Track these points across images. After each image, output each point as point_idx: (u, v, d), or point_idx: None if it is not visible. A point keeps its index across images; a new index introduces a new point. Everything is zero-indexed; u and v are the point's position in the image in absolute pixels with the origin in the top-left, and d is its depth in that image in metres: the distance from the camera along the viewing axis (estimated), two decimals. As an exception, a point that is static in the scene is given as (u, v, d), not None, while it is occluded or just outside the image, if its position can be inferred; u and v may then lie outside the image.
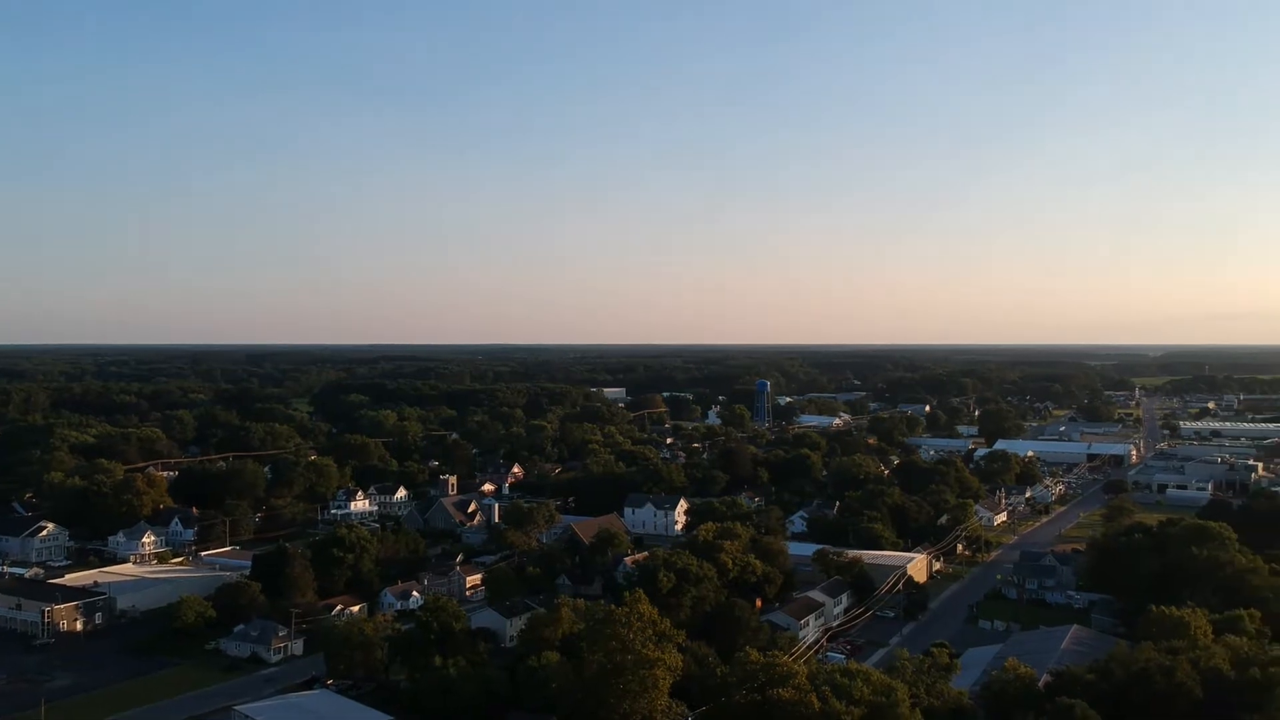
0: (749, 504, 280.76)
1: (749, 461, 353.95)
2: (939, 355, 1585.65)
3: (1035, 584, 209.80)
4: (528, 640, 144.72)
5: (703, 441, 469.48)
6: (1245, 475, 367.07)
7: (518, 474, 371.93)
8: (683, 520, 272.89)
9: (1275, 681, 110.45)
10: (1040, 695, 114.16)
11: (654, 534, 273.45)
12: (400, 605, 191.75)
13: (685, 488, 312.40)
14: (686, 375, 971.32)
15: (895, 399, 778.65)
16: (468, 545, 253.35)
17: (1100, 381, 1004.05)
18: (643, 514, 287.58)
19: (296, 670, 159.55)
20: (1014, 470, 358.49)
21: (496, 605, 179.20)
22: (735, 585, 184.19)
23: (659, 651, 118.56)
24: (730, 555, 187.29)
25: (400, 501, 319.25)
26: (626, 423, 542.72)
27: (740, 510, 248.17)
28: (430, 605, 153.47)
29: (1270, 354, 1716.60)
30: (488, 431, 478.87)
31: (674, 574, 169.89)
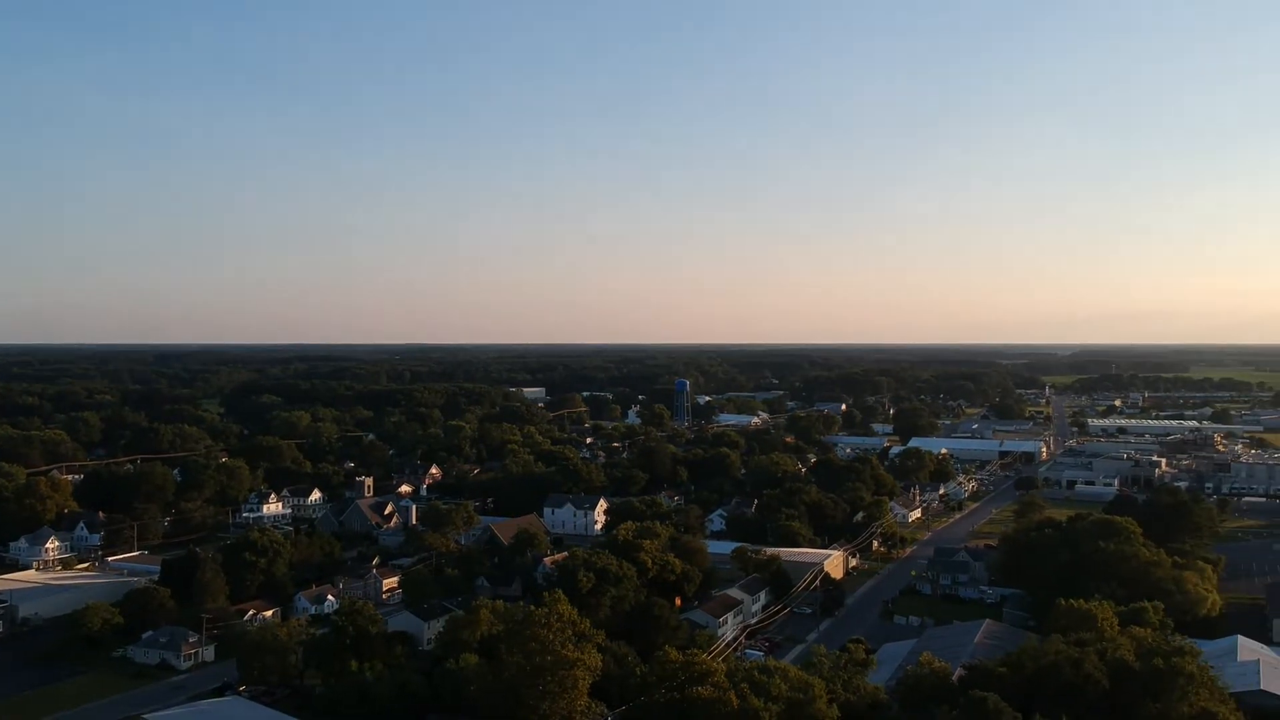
0: (668, 503, 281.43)
1: (668, 460, 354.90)
2: (855, 354, 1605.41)
3: (949, 579, 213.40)
4: (446, 643, 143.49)
5: (622, 441, 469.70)
6: (1149, 471, 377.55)
7: (436, 475, 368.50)
8: (602, 520, 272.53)
9: (1177, 671, 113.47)
10: (954, 689, 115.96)
11: (574, 534, 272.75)
12: (315, 609, 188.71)
13: (605, 487, 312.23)
14: (606, 375, 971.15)
15: (812, 398, 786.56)
16: (384, 548, 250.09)
17: (1012, 380, 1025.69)
18: (562, 514, 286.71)
19: (208, 677, 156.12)
20: (928, 468, 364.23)
21: (414, 608, 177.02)
22: (655, 584, 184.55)
23: (578, 652, 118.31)
24: (650, 554, 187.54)
25: (315, 504, 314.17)
26: (546, 423, 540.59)
27: (660, 509, 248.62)
28: (346, 609, 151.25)
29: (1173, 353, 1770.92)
30: (405, 432, 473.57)
31: (593, 574, 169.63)
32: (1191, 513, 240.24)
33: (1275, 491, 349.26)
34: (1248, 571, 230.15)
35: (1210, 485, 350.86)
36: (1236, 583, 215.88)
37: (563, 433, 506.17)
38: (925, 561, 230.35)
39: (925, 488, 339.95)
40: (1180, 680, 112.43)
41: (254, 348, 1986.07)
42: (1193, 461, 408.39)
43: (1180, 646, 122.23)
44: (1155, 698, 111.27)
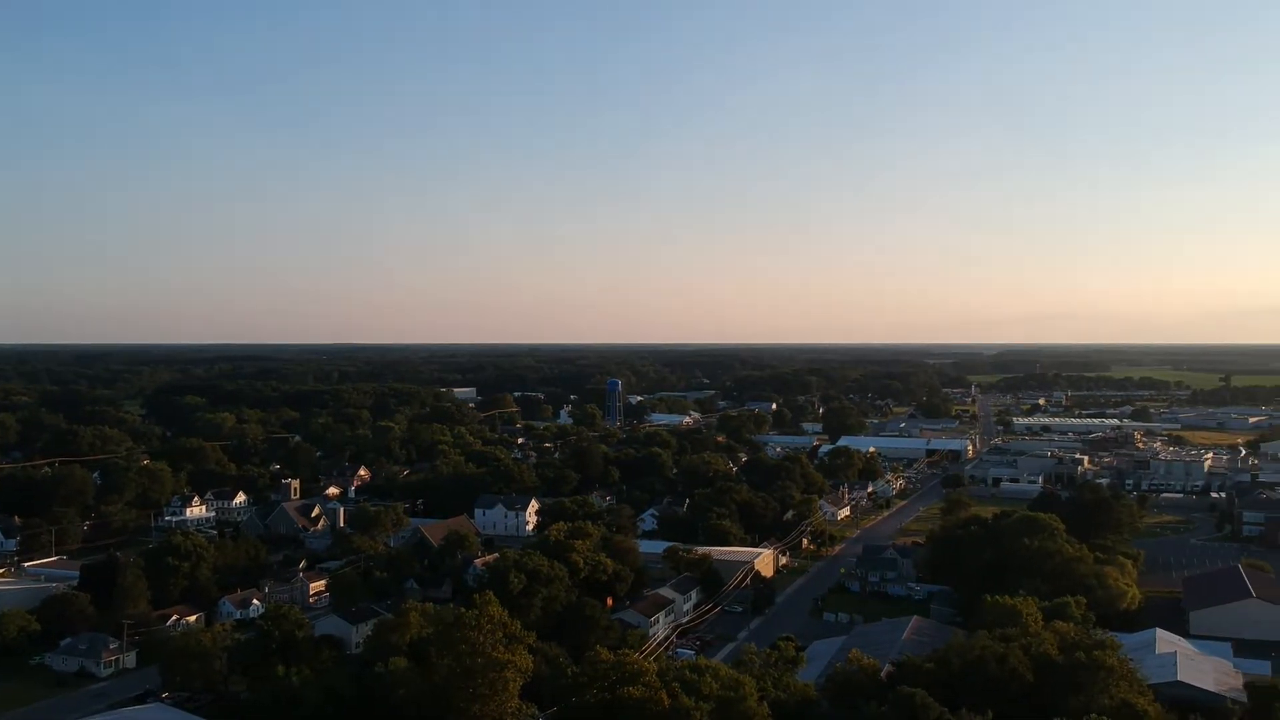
0: (600, 503, 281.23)
1: (600, 460, 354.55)
2: (785, 354, 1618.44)
3: (877, 577, 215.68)
4: (374, 646, 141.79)
5: (554, 441, 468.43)
6: (1072, 468, 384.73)
7: (364, 476, 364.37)
8: (534, 520, 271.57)
9: (1099, 664, 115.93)
10: (883, 685, 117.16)
11: (505, 535, 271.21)
12: (240, 614, 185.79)
13: (536, 488, 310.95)
14: (538, 375, 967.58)
15: (743, 397, 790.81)
16: (312, 551, 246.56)
17: (938, 380, 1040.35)
18: (493, 515, 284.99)
19: (129, 684, 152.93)
20: (857, 466, 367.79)
21: (342, 611, 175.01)
22: (586, 584, 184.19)
23: (509, 653, 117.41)
24: (581, 554, 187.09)
25: (240, 507, 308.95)
26: (477, 423, 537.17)
27: (591, 509, 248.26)
28: (272, 613, 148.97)
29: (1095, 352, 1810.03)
30: (332, 433, 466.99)
31: (525, 575, 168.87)
32: (1113, 509, 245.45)
33: (1192, 488, 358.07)
34: (1166, 566, 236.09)
35: (1131, 482, 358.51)
36: (1155, 577, 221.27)
37: (494, 433, 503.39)
38: (854, 559, 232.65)
39: (854, 486, 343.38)
40: (1101, 673, 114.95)
41: (176, 347, 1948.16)
42: (1114, 459, 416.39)
43: (1101, 640, 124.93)
44: (1077, 691, 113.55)
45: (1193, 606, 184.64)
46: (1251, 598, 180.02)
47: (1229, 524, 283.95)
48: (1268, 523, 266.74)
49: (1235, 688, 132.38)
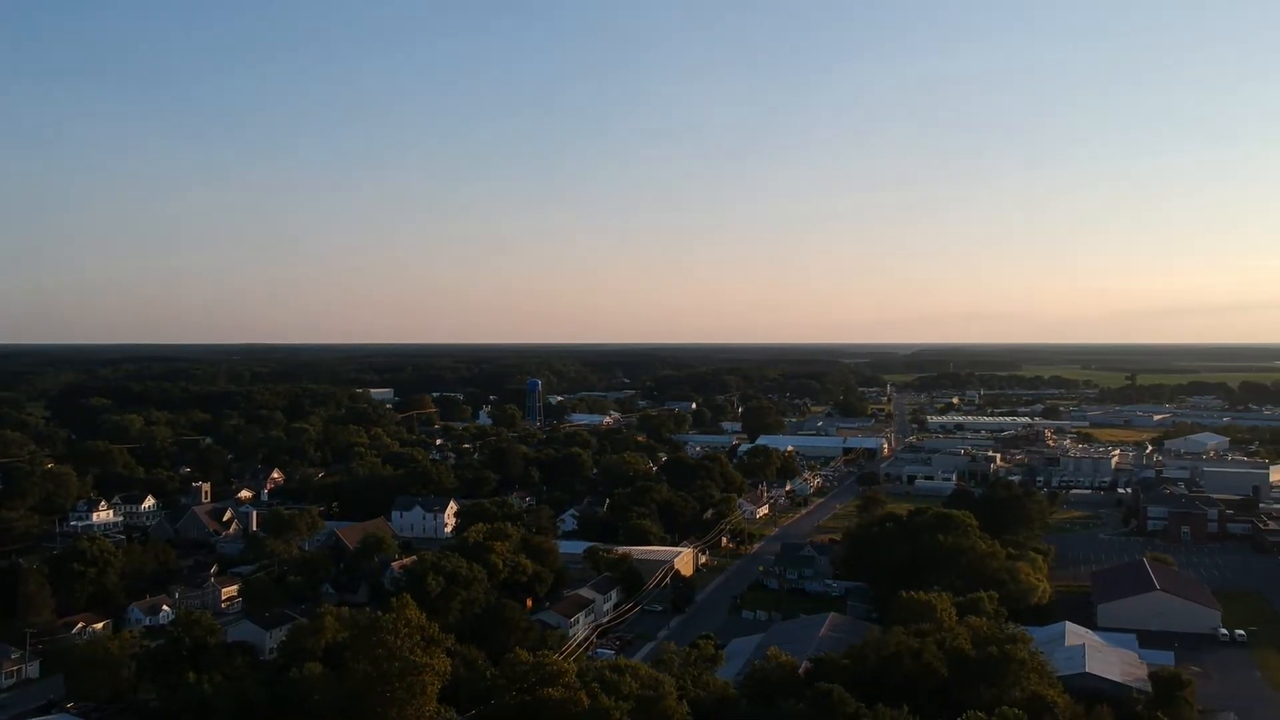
0: (520, 504, 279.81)
1: (520, 461, 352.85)
2: (705, 354, 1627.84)
3: (795, 574, 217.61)
4: (289, 651, 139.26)
5: (473, 442, 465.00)
6: (985, 466, 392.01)
7: (278, 479, 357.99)
8: (452, 522, 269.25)
9: (1010, 658, 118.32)
10: (800, 682, 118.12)
11: (423, 537, 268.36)
12: (149, 621, 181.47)
13: (455, 489, 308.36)
14: (457, 375, 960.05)
15: (663, 397, 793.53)
16: (224, 555, 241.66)
17: (855, 379, 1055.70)
18: (411, 517, 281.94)
19: (32, 695, 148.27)
20: (775, 465, 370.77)
21: (255, 617, 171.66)
22: (506, 586, 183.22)
23: (427, 657, 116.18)
24: (500, 556, 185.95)
25: (148, 511, 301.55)
26: (394, 424, 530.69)
27: (511, 510, 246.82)
28: (182, 619, 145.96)
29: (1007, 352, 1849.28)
30: (245, 435, 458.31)
31: (443, 577, 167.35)
32: (1024, 505, 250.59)
33: (1100, 484, 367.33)
34: (1075, 560, 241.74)
35: (1041, 479, 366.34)
36: (1065, 571, 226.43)
37: (411, 434, 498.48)
38: (772, 557, 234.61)
39: (772, 484, 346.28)
40: (1013, 666, 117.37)
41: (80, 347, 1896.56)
42: (1025, 456, 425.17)
43: (1013, 634, 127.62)
44: (990, 684, 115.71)
45: (1100, 600, 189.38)
46: (1155, 590, 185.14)
47: (1134, 519, 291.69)
48: (1171, 518, 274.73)
49: (1140, 678, 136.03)
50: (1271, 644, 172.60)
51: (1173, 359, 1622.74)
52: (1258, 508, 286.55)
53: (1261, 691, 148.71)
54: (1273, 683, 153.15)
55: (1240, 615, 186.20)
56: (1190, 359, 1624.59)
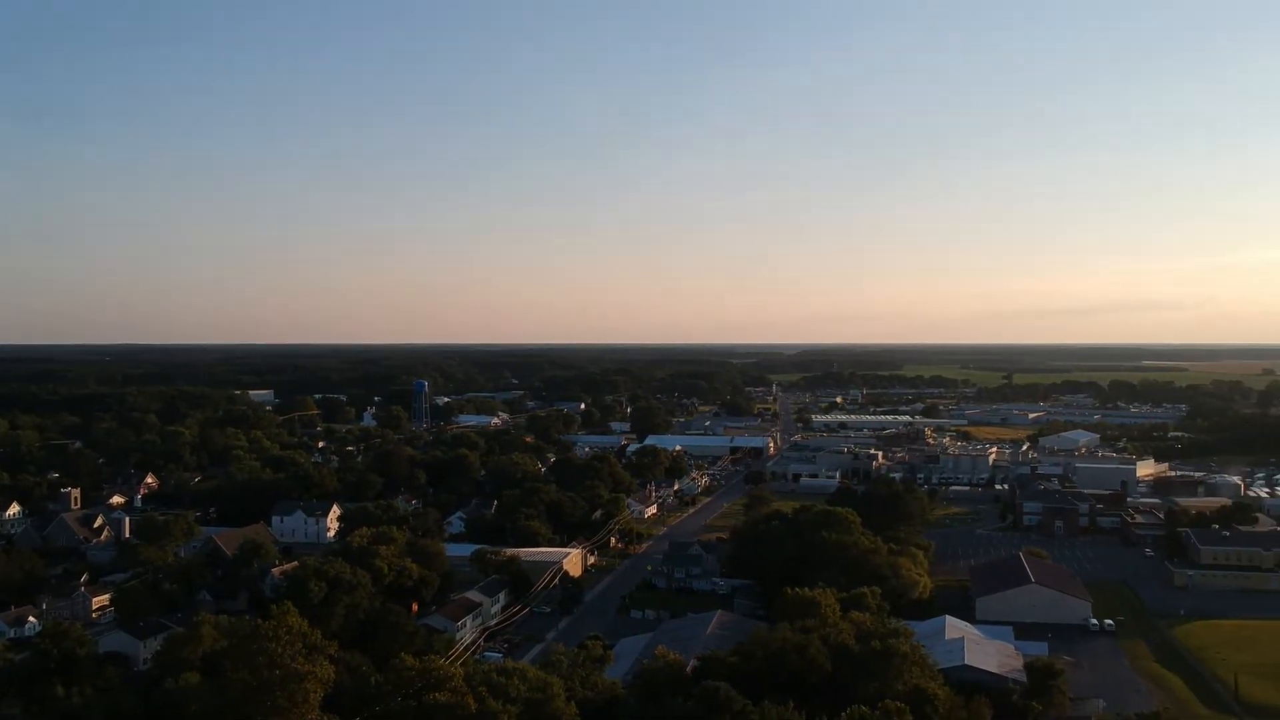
0: (406, 507, 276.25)
1: (406, 463, 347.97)
2: (593, 354, 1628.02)
3: (683, 573, 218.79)
4: (165, 662, 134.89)
5: (357, 444, 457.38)
6: (868, 464, 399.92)
7: (152, 484, 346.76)
8: (335, 526, 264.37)
9: (893, 651, 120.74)
10: (688, 680, 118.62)
11: (305, 542, 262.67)
12: (14, 633, 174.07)
13: (338, 493, 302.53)
14: (341, 376, 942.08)
15: (552, 397, 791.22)
16: (94, 564, 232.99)
17: (741, 379, 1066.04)
18: (292, 522, 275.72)
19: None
20: (663, 464, 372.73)
21: (128, 627, 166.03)
22: (391, 590, 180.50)
23: (309, 664, 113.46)
24: (385, 560, 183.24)
25: (13, 519, 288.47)
26: (275, 426, 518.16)
27: (396, 513, 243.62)
28: (50, 630, 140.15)
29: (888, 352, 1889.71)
30: (117, 439, 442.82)
31: (325, 583, 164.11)
32: (905, 502, 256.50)
33: (978, 481, 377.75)
34: (954, 555, 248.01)
35: (922, 476, 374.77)
36: (945, 566, 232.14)
37: (293, 437, 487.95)
38: (660, 556, 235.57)
39: (660, 484, 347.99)
40: (895, 660, 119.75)
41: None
42: (906, 454, 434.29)
43: (895, 629, 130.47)
44: (873, 678, 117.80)
45: (979, 593, 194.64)
46: (1031, 583, 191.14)
47: (1011, 514, 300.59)
48: (1045, 513, 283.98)
49: (1016, 668, 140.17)
50: (1138, 633, 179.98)
51: (1047, 359, 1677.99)
52: (1126, 502, 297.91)
53: (1129, 679, 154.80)
54: (1139, 670, 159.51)
55: (1109, 606, 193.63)
56: (1064, 359, 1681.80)
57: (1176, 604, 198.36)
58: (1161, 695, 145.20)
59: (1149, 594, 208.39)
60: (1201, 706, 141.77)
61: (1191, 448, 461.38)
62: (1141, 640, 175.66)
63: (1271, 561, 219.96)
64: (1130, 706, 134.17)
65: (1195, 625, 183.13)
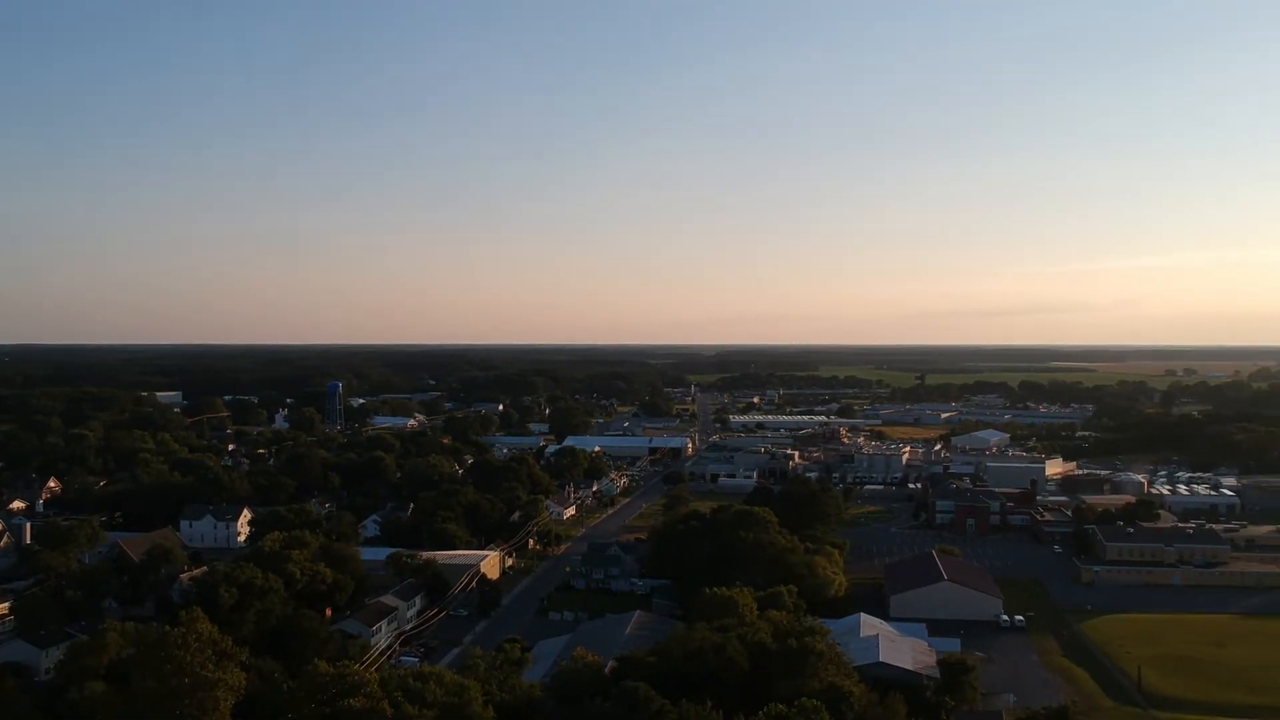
0: (319, 510, 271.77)
1: (319, 466, 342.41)
2: (512, 355, 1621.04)
3: (602, 574, 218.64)
4: (68, 671, 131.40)
5: (269, 447, 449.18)
6: (784, 463, 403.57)
7: (55, 489, 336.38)
8: (246, 531, 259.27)
9: (809, 649, 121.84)
10: (607, 681, 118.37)
11: (215, 547, 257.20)
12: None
13: (249, 496, 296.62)
14: (252, 377, 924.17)
15: (470, 399, 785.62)
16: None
17: (660, 379, 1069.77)
18: (202, 526, 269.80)
19: None
20: (582, 465, 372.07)
21: (29, 635, 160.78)
22: (305, 595, 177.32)
23: (220, 672, 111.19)
24: (298, 565, 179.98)
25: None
26: (183, 429, 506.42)
27: (309, 517, 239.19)
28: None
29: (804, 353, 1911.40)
30: (17, 442, 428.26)
31: (236, 588, 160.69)
32: (821, 502, 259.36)
33: (892, 480, 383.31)
34: (869, 554, 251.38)
35: (837, 475, 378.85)
36: (860, 564, 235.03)
37: (202, 439, 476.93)
38: (579, 557, 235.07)
39: (580, 485, 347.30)
40: (811, 658, 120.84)
41: None
42: (822, 454, 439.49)
43: (811, 627, 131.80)
44: (790, 676, 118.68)
45: (893, 591, 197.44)
46: (943, 581, 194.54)
47: (924, 513, 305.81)
48: (957, 511, 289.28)
49: (930, 665, 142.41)
50: (1047, 628, 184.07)
51: (959, 360, 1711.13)
52: (1035, 500, 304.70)
53: (1038, 673, 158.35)
54: (1048, 664, 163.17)
55: (1020, 602, 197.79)
56: (975, 360, 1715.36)
57: (1084, 599, 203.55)
58: (1069, 689, 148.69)
59: (1057, 590, 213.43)
60: (1107, 699, 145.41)
61: (1098, 447, 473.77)
62: (1050, 635, 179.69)
63: (1173, 557, 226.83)
64: (1039, 700, 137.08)
65: (1101, 620, 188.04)
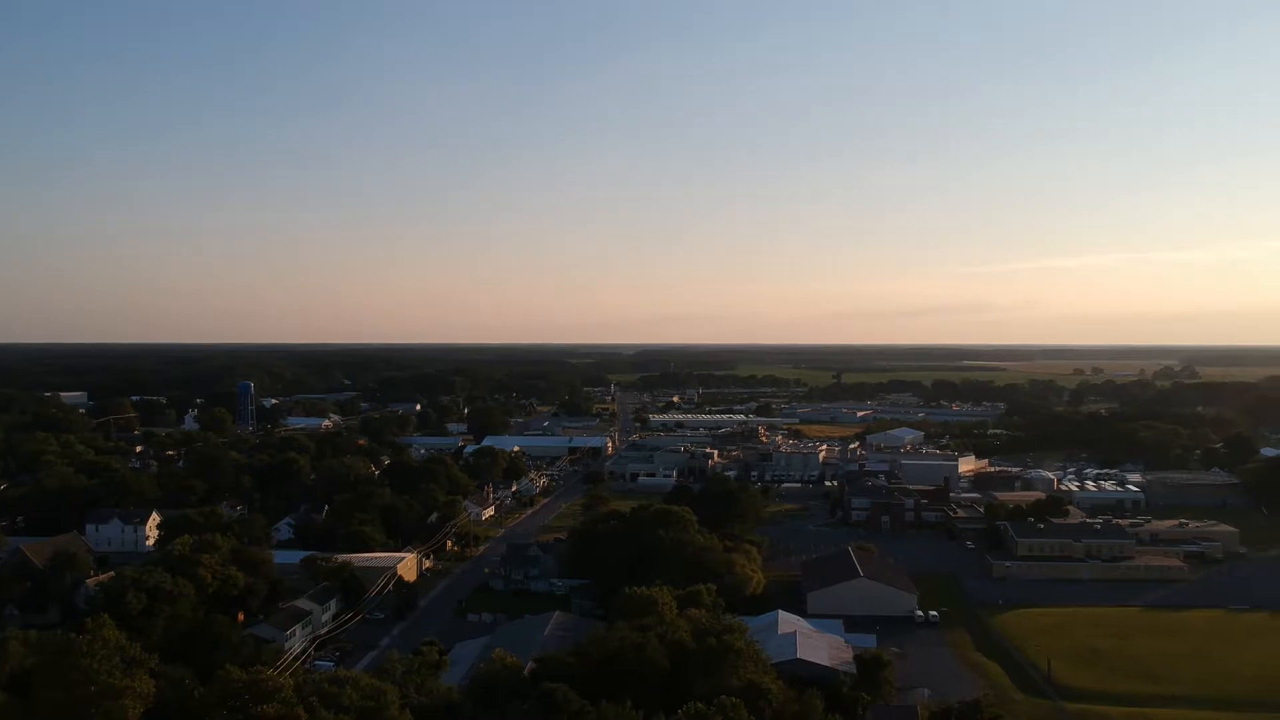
0: (231, 513, 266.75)
1: (230, 468, 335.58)
2: (430, 354, 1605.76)
3: (521, 574, 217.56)
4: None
5: (178, 448, 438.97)
6: (703, 462, 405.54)
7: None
8: (155, 535, 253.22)
9: (727, 647, 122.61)
10: (526, 683, 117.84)
11: (122, 551, 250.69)
12: None
13: (158, 499, 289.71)
14: (160, 377, 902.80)
15: (387, 399, 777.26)
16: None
17: (580, 379, 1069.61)
18: (109, 530, 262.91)
19: None
20: (501, 465, 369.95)
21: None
22: (216, 600, 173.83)
23: (127, 679, 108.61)
24: (209, 569, 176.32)
25: None
26: (89, 430, 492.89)
27: (220, 520, 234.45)
28: None
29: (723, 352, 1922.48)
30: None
31: (145, 594, 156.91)
32: (740, 500, 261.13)
33: (809, 478, 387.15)
34: (787, 551, 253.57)
35: (755, 474, 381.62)
36: (778, 562, 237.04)
37: (109, 441, 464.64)
38: (498, 558, 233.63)
39: (499, 485, 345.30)
40: (730, 656, 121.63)
41: None
42: (740, 452, 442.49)
43: (730, 625, 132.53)
44: (709, 674, 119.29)
45: (810, 588, 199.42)
46: (859, 577, 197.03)
47: (840, 510, 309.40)
48: (873, 508, 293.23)
49: (846, 661, 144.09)
50: (960, 623, 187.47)
51: (875, 359, 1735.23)
52: (948, 497, 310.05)
53: (952, 667, 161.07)
54: (961, 659, 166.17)
55: (934, 597, 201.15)
56: (890, 359, 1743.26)
57: (996, 594, 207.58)
58: (982, 682, 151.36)
59: (970, 585, 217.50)
60: (1018, 692, 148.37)
61: (1009, 444, 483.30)
62: (964, 630, 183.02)
63: (1081, 551, 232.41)
64: (953, 694, 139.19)
65: (1013, 614, 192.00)
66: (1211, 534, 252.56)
